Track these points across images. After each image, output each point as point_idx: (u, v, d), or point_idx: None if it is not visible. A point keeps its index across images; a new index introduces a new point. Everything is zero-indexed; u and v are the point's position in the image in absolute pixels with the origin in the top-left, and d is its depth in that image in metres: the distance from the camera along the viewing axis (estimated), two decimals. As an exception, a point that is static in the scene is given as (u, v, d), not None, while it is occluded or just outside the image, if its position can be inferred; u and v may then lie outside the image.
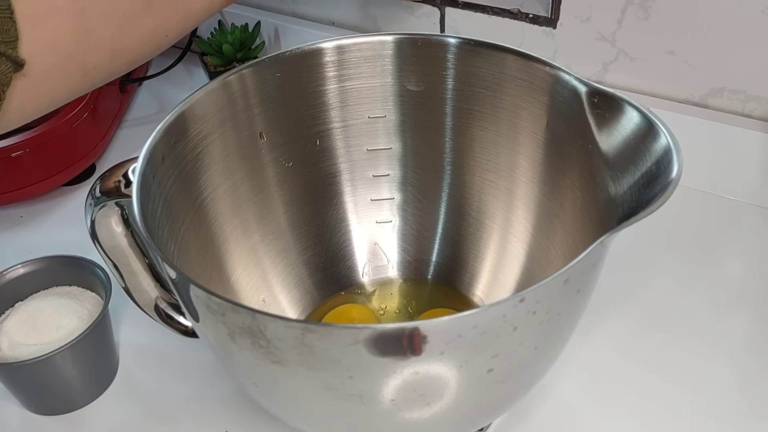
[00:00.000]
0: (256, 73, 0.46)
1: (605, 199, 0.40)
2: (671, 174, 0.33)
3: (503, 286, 0.50)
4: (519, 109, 0.46)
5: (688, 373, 0.48)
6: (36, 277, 0.50)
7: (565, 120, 0.43)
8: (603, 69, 0.63)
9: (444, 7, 0.68)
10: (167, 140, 0.40)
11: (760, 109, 0.59)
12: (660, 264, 0.56)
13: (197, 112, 0.43)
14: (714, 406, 0.46)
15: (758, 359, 0.49)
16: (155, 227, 0.37)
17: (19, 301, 0.50)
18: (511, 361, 0.33)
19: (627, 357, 0.49)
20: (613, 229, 0.32)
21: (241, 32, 0.73)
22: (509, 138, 0.48)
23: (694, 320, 0.52)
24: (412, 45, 0.47)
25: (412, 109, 0.50)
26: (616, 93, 0.39)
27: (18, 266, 0.50)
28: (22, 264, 0.50)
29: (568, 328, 0.37)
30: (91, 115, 0.69)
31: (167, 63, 0.77)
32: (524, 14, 0.64)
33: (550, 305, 0.31)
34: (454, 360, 0.31)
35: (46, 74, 0.34)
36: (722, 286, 0.54)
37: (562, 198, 0.45)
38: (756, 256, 0.56)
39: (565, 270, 0.30)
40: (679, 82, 0.61)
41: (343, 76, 0.48)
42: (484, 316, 0.29)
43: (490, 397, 0.36)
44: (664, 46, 0.59)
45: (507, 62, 0.45)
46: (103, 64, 0.37)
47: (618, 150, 0.39)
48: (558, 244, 0.46)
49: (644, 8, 0.58)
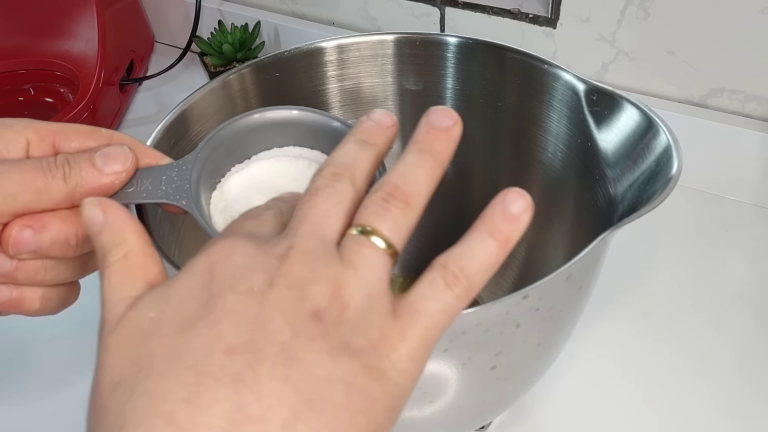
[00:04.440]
0: (256, 73, 0.46)
1: (605, 197, 0.40)
2: (671, 171, 0.33)
3: (503, 284, 0.50)
4: (518, 107, 0.46)
5: (688, 373, 0.48)
6: (275, 131, 0.34)
7: (564, 118, 0.43)
8: (603, 69, 0.63)
9: (444, 7, 0.68)
10: (167, 140, 0.40)
11: (759, 109, 0.59)
12: (660, 264, 0.56)
13: (197, 112, 0.43)
14: (714, 406, 0.46)
15: (759, 358, 0.49)
16: (156, 227, 0.37)
17: (246, 159, 0.35)
18: (515, 358, 0.33)
19: (627, 356, 0.49)
20: (615, 226, 0.32)
21: (241, 32, 0.73)
22: (509, 137, 0.48)
23: (694, 320, 0.52)
24: (411, 44, 0.47)
25: (412, 109, 0.50)
26: (615, 90, 0.39)
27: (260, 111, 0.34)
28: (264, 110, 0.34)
29: (570, 325, 0.37)
30: (91, 115, 0.69)
31: (167, 63, 0.77)
32: (524, 14, 0.64)
33: (552, 302, 0.31)
34: (457, 357, 0.31)
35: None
36: (722, 285, 0.54)
37: (562, 196, 0.45)
38: (756, 256, 0.56)
39: (567, 267, 0.30)
40: (678, 82, 0.61)
41: (343, 75, 0.48)
42: (487, 314, 0.29)
43: (493, 394, 0.36)
44: (664, 46, 0.59)
45: (506, 61, 0.45)
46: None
47: (617, 147, 0.39)
48: (558, 242, 0.46)
49: (644, 8, 0.58)
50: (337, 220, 0.23)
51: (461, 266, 0.22)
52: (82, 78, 0.71)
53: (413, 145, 0.25)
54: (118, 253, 0.24)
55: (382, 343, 0.21)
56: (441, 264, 0.23)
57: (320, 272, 0.21)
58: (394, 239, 0.23)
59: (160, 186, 0.29)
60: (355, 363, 0.20)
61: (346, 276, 0.22)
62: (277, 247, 0.22)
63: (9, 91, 0.76)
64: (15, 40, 0.75)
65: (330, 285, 0.21)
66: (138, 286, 0.23)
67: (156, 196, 0.29)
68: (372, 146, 0.26)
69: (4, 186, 0.27)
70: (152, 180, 0.29)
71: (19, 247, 0.27)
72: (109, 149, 0.28)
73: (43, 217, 0.28)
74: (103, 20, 0.73)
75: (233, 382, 0.19)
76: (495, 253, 0.23)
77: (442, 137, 0.25)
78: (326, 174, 0.24)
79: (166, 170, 0.29)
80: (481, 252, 0.23)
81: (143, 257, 0.24)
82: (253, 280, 0.21)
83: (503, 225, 0.23)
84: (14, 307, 0.29)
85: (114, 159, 0.28)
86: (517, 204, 0.23)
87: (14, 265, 0.28)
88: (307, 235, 0.22)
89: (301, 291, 0.21)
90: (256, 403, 0.19)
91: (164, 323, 0.21)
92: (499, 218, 0.23)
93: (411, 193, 0.23)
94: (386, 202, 0.23)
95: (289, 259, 0.21)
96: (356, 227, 0.23)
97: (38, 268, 0.29)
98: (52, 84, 0.76)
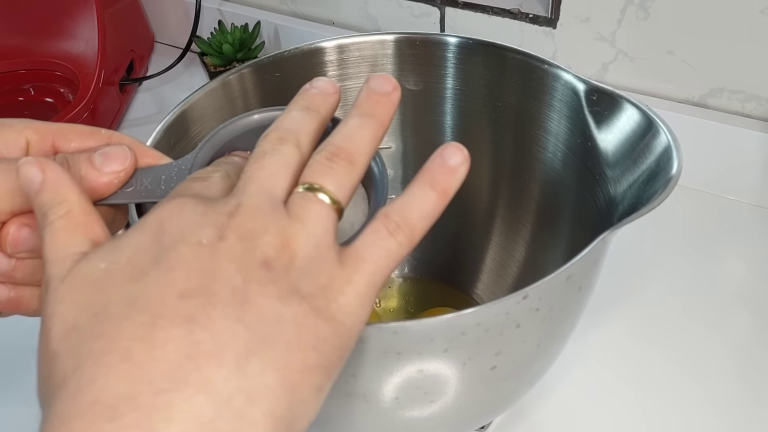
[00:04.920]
0: (256, 73, 0.46)
1: (605, 197, 0.40)
2: (671, 170, 0.33)
3: (503, 284, 0.50)
4: (518, 107, 0.46)
5: (688, 373, 0.48)
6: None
7: (564, 118, 0.43)
8: (603, 69, 0.63)
9: (444, 7, 0.68)
10: (167, 140, 0.40)
11: (759, 109, 0.59)
12: (660, 264, 0.56)
13: (197, 112, 0.43)
14: (714, 405, 0.46)
15: (758, 359, 0.49)
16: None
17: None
18: (514, 358, 0.33)
19: (627, 356, 0.49)
20: (615, 226, 0.32)
21: (241, 32, 0.73)
22: (508, 137, 0.48)
23: (695, 320, 0.52)
24: (411, 44, 0.47)
25: (412, 109, 0.50)
26: (615, 90, 0.39)
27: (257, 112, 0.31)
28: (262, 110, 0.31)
29: (570, 325, 0.37)
30: (91, 115, 0.69)
31: (167, 63, 0.77)
32: (524, 14, 0.64)
33: (552, 302, 0.31)
34: (457, 357, 0.31)
35: None
36: (722, 285, 0.54)
37: (562, 196, 0.45)
38: (756, 256, 0.56)
39: (567, 267, 0.30)
40: (678, 82, 0.61)
41: (343, 75, 0.48)
42: (487, 313, 0.29)
43: (493, 394, 0.36)
44: (664, 46, 0.59)
45: (506, 61, 0.45)
46: None
47: (617, 147, 0.39)
48: (558, 242, 0.46)
49: (644, 8, 0.58)
50: (284, 180, 0.24)
51: (403, 215, 0.24)
52: (82, 78, 0.71)
53: (355, 109, 0.26)
54: (59, 211, 0.24)
55: (329, 287, 0.22)
56: (383, 214, 0.24)
57: (269, 226, 0.22)
58: (339, 195, 0.24)
59: (159, 185, 0.29)
60: (304, 305, 0.22)
61: (294, 229, 0.23)
62: (226, 206, 0.23)
63: (9, 91, 0.76)
64: (15, 40, 0.75)
65: (279, 237, 0.22)
66: (82, 242, 0.24)
67: (155, 195, 0.29)
68: (315, 113, 0.26)
69: (2, 184, 0.27)
70: (151, 180, 0.29)
71: (17, 246, 0.27)
72: (108, 149, 0.28)
73: None
74: (103, 20, 0.73)
75: (187, 322, 0.20)
76: (434, 202, 0.24)
77: (382, 101, 0.26)
78: (271, 138, 0.25)
79: (165, 170, 0.29)
80: (422, 202, 0.24)
81: (85, 215, 0.25)
82: (203, 233, 0.22)
83: (442, 176, 0.24)
84: (13, 306, 0.29)
85: (113, 158, 0.28)
86: (455, 157, 0.25)
87: (12, 264, 0.28)
88: (255, 193, 0.23)
89: (251, 242, 0.22)
90: (210, 340, 0.20)
91: (117, 272, 0.22)
92: (438, 170, 0.25)
93: (354, 152, 0.25)
94: (330, 161, 0.24)
95: (238, 215, 0.22)
96: (302, 185, 0.24)
97: (36, 267, 0.29)
98: (52, 84, 0.76)
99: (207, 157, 0.30)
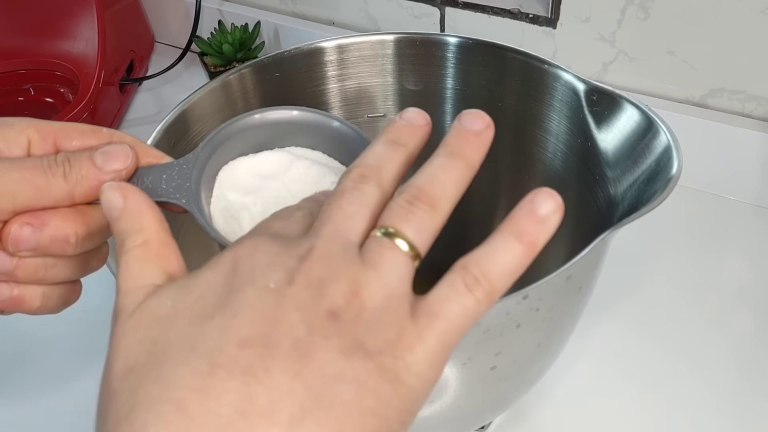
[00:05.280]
0: (256, 73, 0.46)
1: (605, 197, 0.40)
2: (671, 171, 0.33)
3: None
4: (518, 107, 0.46)
5: (688, 373, 0.48)
6: (276, 131, 0.33)
7: (564, 118, 0.43)
8: (603, 69, 0.63)
9: (444, 7, 0.68)
10: (167, 140, 0.40)
11: (759, 109, 0.59)
12: (660, 264, 0.56)
13: (197, 112, 0.43)
14: (714, 405, 0.46)
15: (759, 359, 0.49)
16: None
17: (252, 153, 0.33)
18: (515, 358, 0.33)
19: (627, 356, 0.49)
20: (615, 226, 0.32)
21: (241, 32, 0.73)
22: (508, 137, 0.48)
23: (695, 320, 0.52)
24: (411, 44, 0.47)
25: (412, 109, 0.50)
26: (615, 90, 0.39)
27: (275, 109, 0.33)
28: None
29: (570, 325, 0.37)
30: (91, 115, 0.69)
31: (167, 63, 0.77)
32: (524, 14, 0.64)
33: (552, 302, 0.31)
34: (457, 357, 0.31)
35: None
36: (722, 285, 0.54)
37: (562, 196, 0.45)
38: (756, 256, 0.56)
39: (567, 267, 0.30)
40: (679, 82, 0.61)
41: (343, 75, 0.48)
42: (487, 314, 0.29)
43: (493, 394, 0.36)
44: (664, 46, 0.59)
45: (506, 61, 0.45)
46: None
47: (617, 147, 0.39)
48: (558, 242, 0.46)
49: (644, 8, 0.58)
50: (361, 222, 0.23)
51: (482, 269, 0.22)
52: (82, 78, 0.71)
53: (443, 148, 0.24)
54: (136, 240, 0.24)
55: (398, 344, 0.21)
56: (462, 266, 0.22)
57: (340, 272, 0.21)
58: (418, 242, 0.22)
59: (160, 184, 0.29)
60: (368, 363, 0.20)
61: (367, 276, 0.21)
62: (299, 248, 0.22)
63: (9, 91, 0.76)
64: (15, 40, 0.75)
65: (349, 285, 0.21)
66: (156, 274, 0.23)
67: (156, 194, 0.29)
68: (402, 147, 0.25)
69: (4, 183, 0.27)
70: (153, 179, 0.29)
71: (18, 244, 0.27)
72: (110, 147, 0.28)
73: (43, 214, 0.28)
74: (103, 20, 0.73)
75: (244, 374, 0.20)
76: (520, 256, 0.22)
77: (472, 140, 0.25)
78: (353, 176, 0.24)
79: (166, 169, 0.29)
80: (505, 255, 0.22)
81: (162, 246, 0.24)
82: (272, 277, 0.21)
83: (530, 227, 0.22)
84: (15, 305, 0.29)
85: (114, 157, 0.28)
86: (546, 205, 0.23)
87: (14, 263, 0.28)
88: (330, 236, 0.22)
89: (318, 290, 0.21)
90: (265, 396, 0.19)
91: (183, 312, 0.21)
92: (525, 219, 0.23)
93: (437, 196, 0.23)
94: (411, 205, 0.23)
95: (309, 259, 0.21)
96: (380, 229, 0.22)
97: (38, 266, 0.29)
98: (52, 84, 0.76)
99: (208, 156, 0.30)
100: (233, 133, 0.32)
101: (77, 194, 0.28)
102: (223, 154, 0.32)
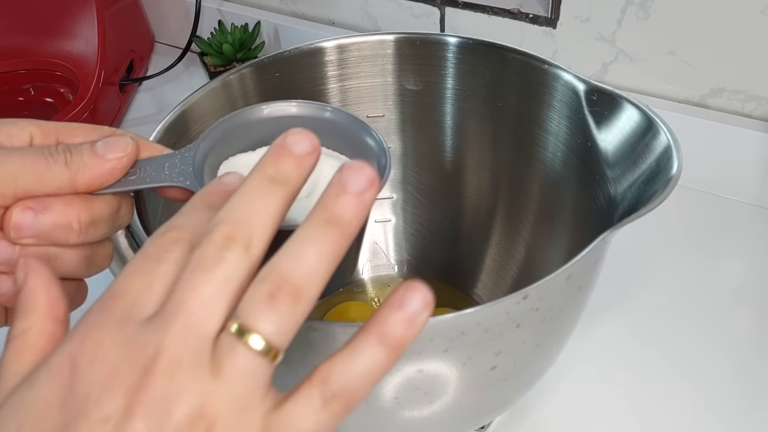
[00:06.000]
0: (256, 73, 0.46)
1: (605, 197, 0.40)
2: (671, 171, 0.33)
3: (503, 284, 0.50)
4: (518, 107, 0.46)
5: (688, 373, 0.48)
6: (278, 125, 0.33)
7: (564, 118, 0.43)
8: (603, 69, 0.63)
9: (444, 7, 0.68)
10: (167, 140, 0.40)
11: (759, 109, 0.59)
12: (660, 264, 0.56)
13: (197, 112, 0.43)
14: (714, 406, 0.46)
15: (759, 359, 0.49)
16: (156, 223, 0.37)
17: (251, 151, 0.34)
18: (515, 358, 0.33)
19: (627, 356, 0.49)
20: (615, 226, 0.32)
21: (241, 32, 0.73)
22: (508, 137, 0.48)
23: (694, 320, 0.52)
24: (411, 44, 0.47)
25: (412, 109, 0.50)
26: (615, 90, 0.39)
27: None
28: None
29: (570, 325, 0.37)
30: (91, 115, 0.69)
31: (167, 63, 0.77)
32: (524, 14, 0.64)
33: (552, 302, 0.31)
34: (457, 357, 0.31)
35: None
36: (722, 285, 0.54)
37: (562, 196, 0.45)
38: (756, 256, 0.56)
39: (567, 267, 0.30)
40: (678, 82, 0.61)
41: (343, 75, 0.48)
42: (487, 314, 0.29)
43: (493, 394, 0.36)
44: (664, 46, 0.59)
45: (506, 61, 0.45)
46: None
47: (617, 147, 0.39)
48: (558, 242, 0.46)
49: (644, 8, 0.58)
50: (219, 310, 0.20)
51: (342, 382, 0.21)
52: (82, 78, 0.71)
53: (316, 212, 0.21)
54: (19, 327, 0.22)
55: None
56: (321, 379, 0.21)
57: (186, 388, 0.19)
58: (277, 339, 0.20)
59: (163, 171, 0.29)
60: None
61: (216, 391, 0.20)
62: (144, 352, 0.20)
63: (9, 91, 0.76)
64: (15, 40, 0.75)
65: (196, 403, 0.19)
66: (24, 369, 0.21)
67: (159, 180, 0.29)
68: (281, 186, 0.22)
69: (5, 168, 0.26)
70: (155, 167, 0.29)
71: (20, 230, 0.27)
72: (110, 138, 0.28)
73: (44, 199, 0.27)
74: (103, 20, 0.73)
75: None
76: (383, 362, 0.21)
77: (351, 204, 0.21)
78: (216, 238, 0.21)
79: (168, 158, 0.30)
80: (368, 362, 0.21)
81: (40, 337, 0.22)
82: (109, 406, 0.19)
83: (397, 329, 0.21)
84: None
85: (115, 145, 0.28)
86: (413, 303, 0.21)
87: (16, 251, 0.27)
88: (180, 333, 0.20)
89: (158, 420, 0.19)
90: None
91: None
92: (393, 320, 0.21)
93: (304, 284, 0.20)
94: (272, 299, 0.20)
95: (153, 373, 0.19)
96: (235, 321, 0.20)
97: (40, 256, 0.28)
98: (52, 84, 0.76)
99: (209, 147, 0.31)
100: (234, 128, 0.32)
101: (79, 181, 0.27)
102: (224, 149, 0.32)
